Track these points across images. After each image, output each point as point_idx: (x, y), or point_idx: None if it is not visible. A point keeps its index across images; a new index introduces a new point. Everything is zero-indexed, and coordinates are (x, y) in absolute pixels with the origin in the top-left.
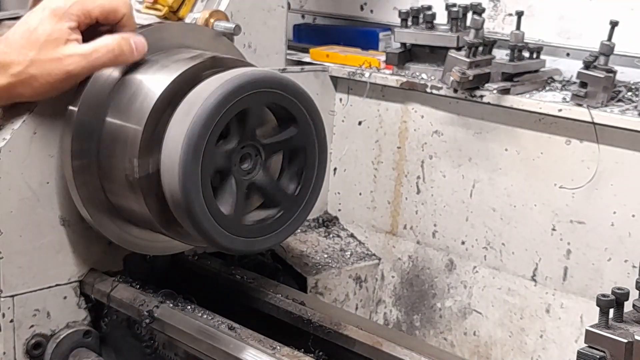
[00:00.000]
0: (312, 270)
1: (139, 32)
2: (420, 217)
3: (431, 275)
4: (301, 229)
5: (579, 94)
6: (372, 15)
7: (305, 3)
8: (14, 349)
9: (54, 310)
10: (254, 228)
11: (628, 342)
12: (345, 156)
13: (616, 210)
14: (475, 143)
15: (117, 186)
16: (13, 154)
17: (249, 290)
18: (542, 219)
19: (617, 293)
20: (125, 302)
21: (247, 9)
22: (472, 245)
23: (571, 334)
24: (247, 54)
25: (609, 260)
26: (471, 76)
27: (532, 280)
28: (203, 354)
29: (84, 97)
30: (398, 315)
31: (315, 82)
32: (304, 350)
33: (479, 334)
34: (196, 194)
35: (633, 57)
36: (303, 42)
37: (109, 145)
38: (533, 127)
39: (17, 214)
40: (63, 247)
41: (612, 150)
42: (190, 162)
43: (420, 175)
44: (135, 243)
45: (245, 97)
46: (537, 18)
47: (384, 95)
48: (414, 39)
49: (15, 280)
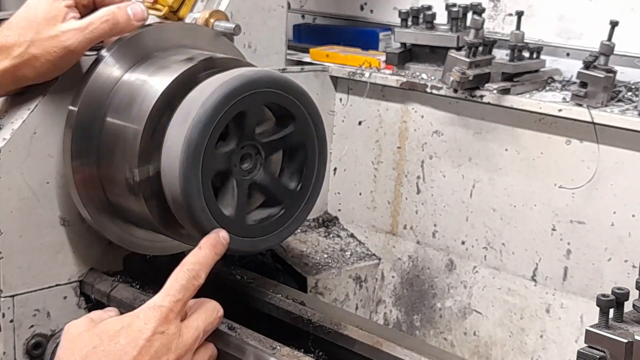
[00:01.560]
0: (312, 270)
1: (139, 32)
2: (420, 217)
3: (431, 275)
4: (301, 229)
5: (579, 94)
6: (372, 15)
7: (305, 3)
8: (14, 349)
9: (54, 310)
10: (256, 228)
11: (628, 342)
12: (345, 156)
13: (616, 210)
14: (475, 143)
15: (117, 186)
16: (13, 154)
17: (249, 290)
18: (542, 219)
19: (617, 293)
20: (125, 302)
21: (247, 9)
22: (472, 245)
23: (571, 334)
24: (247, 54)
25: (609, 260)
26: (471, 76)
27: (532, 280)
28: None
29: (84, 97)
30: (398, 315)
31: (315, 82)
32: (304, 350)
33: (479, 334)
34: (197, 195)
35: (633, 57)
36: (303, 42)
37: (109, 146)
38: (533, 127)
39: (17, 214)
40: (63, 247)
41: (612, 150)
42: (190, 163)
43: (420, 175)
44: (135, 243)
45: (244, 98)
46: (537, 18)
47: (384, 95)
48: (414, 39)
49: (15, 280)
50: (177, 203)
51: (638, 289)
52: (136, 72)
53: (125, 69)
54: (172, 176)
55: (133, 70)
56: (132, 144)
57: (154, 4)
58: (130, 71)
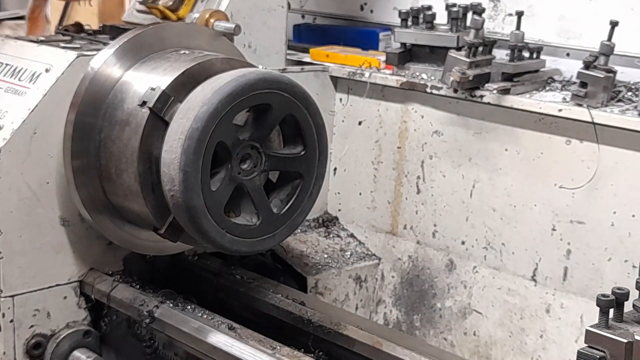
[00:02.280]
0: (312, 270)
1: (140, 32)
2: (420, 217)
3: (431, 275)
4: (301, 228)
5: (579, 94)
6: (372, 15)
7: (305, 3)
8: (14, 348)
9: (54, 310)
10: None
11: (628, 342)
12: (345, 156)
13: (616, 210)
14: (475, 143)
15: (117, 186)
16: (13, 154)
17: (249, 290)
18: (542, 219)
19: (617, 293)
20: (125, 302)
21: (247, 9)
22: (472, 245)
23: (571, 334)
24: (247, 54)
25: (609, 260)
26: (471, 76)
27: (532, 280)
28: (203, 354)
29: (84, 97)
30: (398, 315)
31: (315, 82)
32: (304, 350)
33: (479, 334)
34: (196, 195)
35: (633, 57)
36: (303, 42)
37: (109, 146)
38: (533, 127)
39: (17, 214)
40: (63, 247)
41: (612, 150)
42: (190, 163)
43: (420, 175)
44: (135, 243)
45: (247, 98)
46: (537, 18)
47: (384, 95)
48: (414, 39)
49: (15, 280)
50: (175, 200)
51: (638, 289)
52: (136, 72)
53: (126, 68)
54: (172, 172)
55: (133, 70)
56: (132, 144)
57: (154, 3)
58: (130, 71)
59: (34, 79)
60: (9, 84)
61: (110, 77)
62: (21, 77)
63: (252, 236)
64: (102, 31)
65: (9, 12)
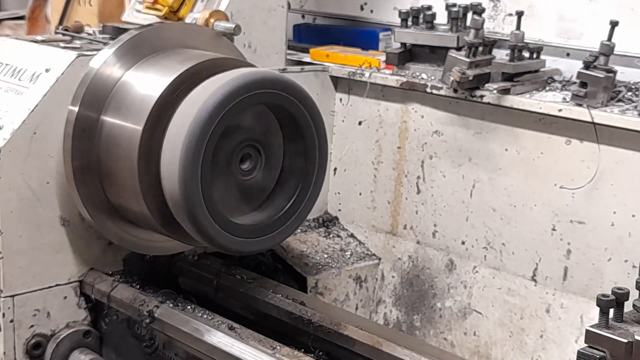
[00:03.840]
0: (312, 270)
1: (140, 32)
2: (420, 217)
3: (431, 275)
4: (301, 228)
5: (579, 94)
6: (372, 15)
7: (305, 3)
8: (14, 348)
9: (54, 310)
10: (254, 228)
11: (628, 342)
12: (345, 156)
13: (616, 210)
14: (475, 143)
15: (117, 187)
16: (13, 154)
17: (249, 290)
18: (542, 219)
19: (617, 293)
20: (125, 302)
21: (247, 9)
22: (472, 245)
23: (571, 334)
24: (247, 54)
25: (609, 260)
26: (471, 76)
27: (532, 280)
28: (203, 354)
29: (84, 97)
30: (398, 315)
31: (315, 82)
32: (304, 350)
33: (479, 334)
34: (196, 195)
35: (633, 57)
36: (303, 42)
37: (109, 146)
38: (533, 127)
39: (17, 214)
40: (63, 247)
41: (612, 150)
42: (190, 163)
43: (420, 175)
44: (135, 243)
45: (248, 97)
46: (537, 18)
47: (384, 95)
48: (414, 39)
49: (15, 280)
50: (175, 200)
51: (638, 289)
52: (136, 72)
53: (126, 68)
54: (171, 172)
55: (133, 70)
56: (132, 143)
57: (154, 4)
58: (130, 71)
59: (34, 79)
60: (9, 84)
61: (111, 77)
62: (21, 77)
63: (252, 236)
64: (102, 31)
65: (9, 12)
